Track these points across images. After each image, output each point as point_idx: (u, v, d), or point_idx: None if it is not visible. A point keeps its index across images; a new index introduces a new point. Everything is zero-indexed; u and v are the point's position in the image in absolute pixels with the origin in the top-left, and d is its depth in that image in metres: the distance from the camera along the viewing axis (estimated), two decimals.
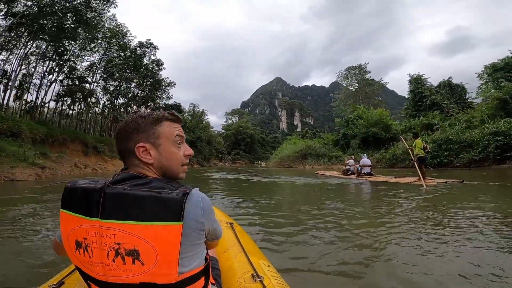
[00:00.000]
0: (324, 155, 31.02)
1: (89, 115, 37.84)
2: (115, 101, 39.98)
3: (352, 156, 15.30)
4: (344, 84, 71.25)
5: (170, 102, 46.50)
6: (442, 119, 27.30)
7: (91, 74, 36.16)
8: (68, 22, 27.50)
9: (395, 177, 10.09)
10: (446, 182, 8.11)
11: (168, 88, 44.44)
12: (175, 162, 0.85)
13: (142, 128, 0.82)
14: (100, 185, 0.73)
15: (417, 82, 34.40)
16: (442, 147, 18.86)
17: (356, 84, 68.28)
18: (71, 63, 32.29)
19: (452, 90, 35.43)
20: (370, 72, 67.37)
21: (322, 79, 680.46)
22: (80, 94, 32.89)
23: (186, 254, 0.72)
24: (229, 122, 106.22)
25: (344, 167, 13.78)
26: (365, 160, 12.14)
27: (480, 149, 17.01)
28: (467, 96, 35.27)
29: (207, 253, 0.87)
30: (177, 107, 46.45)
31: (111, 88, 38.34)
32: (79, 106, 35.61)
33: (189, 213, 0.72)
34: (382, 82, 67.29)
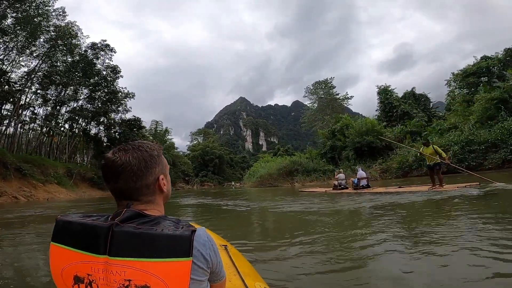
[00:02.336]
0: (314, 170, 27.67)
1: (20, 129, 29.92)
2: (57, 113, 32.40)
3: (341, 170, 14.35)
4: (310, 100, 71.48)
5: (128, 115, 39.81)
6: (422, 126, 27.18)
7: (28, 83, 28.90)
8: None
9: (400, 187, 9.75)
10: (466, 186, 7.76)
11: (125, 99, 37.95)
12: (171, 186, 0.92)
13: (158, 160, 0.85)
14: (105, 221, 0.75)
15: (386, 93, 34.59)
16: (466, 149, 16.49)
17: (317, 100, 68.69)
18: None
19: (416, 100, 36.25)
20: (335, 87, 68.69)
21: (285, 98, 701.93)
22: (8, 103, 25.53)
23: None
24: (195, 142, 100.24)
25: (336, 182, 12.74)
26: (361, 172, 11.54)
27: (511, 147, 14.82)
28: (431, 105, 36.53)
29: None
30: (136, 122, 39.95)
31: (52, 98, 30.90)
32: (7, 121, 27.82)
33: (197, 249, 0.74)
34: (347, 96, 68.81)
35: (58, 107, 32.43)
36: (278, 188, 25.90)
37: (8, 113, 26.20)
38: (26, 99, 28.89)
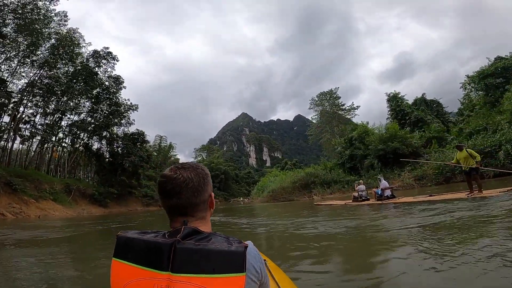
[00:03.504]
0: (334, 181, 25.58)
1: (21, 145, 28.15)
2: (57, 127, 30.66)
3: (361, 181, 13.82)
4: (315, 112, 70.25)
5: (132, 129, 38.00)
6: (443, 131, 26.43)
7: (29, 96, 27.53)
8: None
9: (431, 195, 9.07)
10: (507, 190, 7.13)
11: (128, 112, 36.29)
12: None
13: (209, 179, 0.92)
14: (164, 238, 0.78)
15: (396, 100, 33.84)
16: None
17: (320, 112, 67.56)
18: None
19: (428, 106, 35.44)
20: (340, 97, 67.61)
21: (287, 112, 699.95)
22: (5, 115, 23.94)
23: None
24: (199, 158, 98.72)
25: (356, 194, 12.22)
26: (384, 182, 10.98)
27: None
28: (444, 111, 35.58)
29: None
30: (140, 135, 38.14)
31: (52, 109, 29.22)
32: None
33: (249, 264, 0.78)
34: (353, 106, 67.70)
35: (58, 120, 30.78)
36: (294, 202, 24.21)
37: (4, 124, 24.58)
38: (24, 110, 27.44)
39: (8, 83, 25.44)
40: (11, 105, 26.03)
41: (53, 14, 25.59)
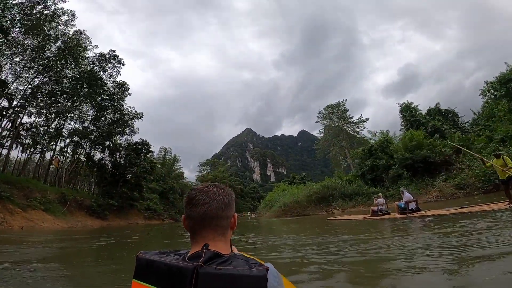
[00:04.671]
0: (355, 194, 23.51)
1: (23, 153, 26.49)
2: (58, 136, 29.07)
3: (380, 194, 13.37)
4: (323, 124, 68.56)
5: (135, 138, 36.29)
6: (468, 139, 24.66)
7: (33, 102, 26.28)
8: None
9: (462, 207, 8.50)
10: None
11: (133, 120, 34.74)
12: None
13: (234, 202, 0.95)
14: (184, 260, 0.77)
15: (410, 110, 32.87)
16: None
17: (326, 126, 66.19)
18: None
19: (443, 116, 34.55)
20: (348, 110, 65.90)
21: (292, 127, 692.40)
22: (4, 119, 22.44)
23: None
24: (203, 173, 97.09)
25: (376, 207, 11.71)
26: (408, 194, 10.43)
27: None
28: (460, 120, 34.79)
29: None
30: (144, 145, 36.37)
31: (53, 112, 27.68)
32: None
33: (271, 284, 0.77)
34: (362, 119, 65.99)
35: (60, 128, 29.28)
36: (310, 217, 22.16)
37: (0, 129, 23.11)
38: (23, 116, 25.98)
39: (10, 86, 24.17)
40: (11, 110, 24.70)
41: (61, 13, 24.57)
